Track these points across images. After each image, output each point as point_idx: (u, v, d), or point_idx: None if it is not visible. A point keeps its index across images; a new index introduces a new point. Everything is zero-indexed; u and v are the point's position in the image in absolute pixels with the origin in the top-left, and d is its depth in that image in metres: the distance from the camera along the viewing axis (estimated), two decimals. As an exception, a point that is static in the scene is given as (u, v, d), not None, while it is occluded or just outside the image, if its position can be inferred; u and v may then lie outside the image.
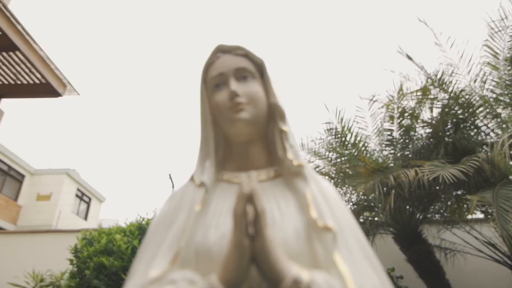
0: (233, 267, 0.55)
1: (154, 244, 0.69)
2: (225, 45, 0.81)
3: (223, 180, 0.79)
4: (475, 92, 4.14)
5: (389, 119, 4.55)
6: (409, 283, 4.42)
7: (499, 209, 3.37)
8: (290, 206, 0.70)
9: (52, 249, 6.45)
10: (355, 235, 0.68)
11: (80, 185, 16.05)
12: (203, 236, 0.66)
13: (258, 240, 0.55)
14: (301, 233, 0.65)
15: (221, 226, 0.66)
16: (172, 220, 0.71)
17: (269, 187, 0.75)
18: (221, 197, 0.74)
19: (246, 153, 0.79)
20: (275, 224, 0.65)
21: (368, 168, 3.95)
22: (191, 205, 0.71)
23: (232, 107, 0.74)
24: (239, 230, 0.55)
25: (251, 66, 0.79)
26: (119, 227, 5.03)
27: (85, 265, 4.53)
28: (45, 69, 4.55)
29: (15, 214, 13.09)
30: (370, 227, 4.63)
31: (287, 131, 0.77)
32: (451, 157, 4.06)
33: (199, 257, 0.64)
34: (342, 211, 0.71)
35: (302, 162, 0.74)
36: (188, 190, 0.77)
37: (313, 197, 0.69)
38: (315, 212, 0.66)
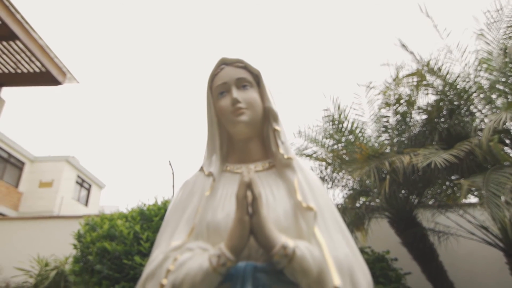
0: (237, 238, 0.76)
1: (174, 222, 0.90)
2: (227, 58, 1.00)
3: (227, 171, 1.00)
4: (470, 78, 4.31)
5: (386, 106, 4.72)
6: (403, 265, 4.67)
7: (489, 193, 3.55)
8: (281, 191, 0.90)
9: (55, 235, 6.70)
10: (332, 214, 0.88)
11: (80, 172, 16.35)
12: (212, 215, 0.87)
13: (255, 217, 0.76)
14: (289, 212, 0.85)
15: (226, 207, 0.87)
16: (187, 203, 0.92)
17: (264, 176, 0.95)
18: (226, 184, 0.95)
19: (245, 148, 1.00)
20: (268, 206, 0.85)
21: (364, 154, 4.14)
22: (202, 191, 0.92)
23: (234, 111, 0.95)
24: (241, 210, 0.76)
25: (249, 76, 0.99)
26: (121, 213, 5.23)
27: (88, 250, 4.75)
28: (44, 58, 4.68)
29: (16, 200, 13.42)
30: (366, 212, 4.86)
31: (279, 130, 0.98)
32: (445, 143, 4.25)
33: (209, 231, 0.85)
34: (322, 195, 0.92)
35: (291, 156, 0.95)
36: (198, 179, 0.98)
37: (299, 184, 0.89)
38: (300, 196, 0.86)
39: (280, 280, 0.77)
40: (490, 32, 4.15)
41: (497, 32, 4.11)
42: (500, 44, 4.11)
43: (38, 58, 4.63)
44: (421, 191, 4.82)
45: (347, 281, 0.75)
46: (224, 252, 0.75)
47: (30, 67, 4.86)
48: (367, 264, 3.13)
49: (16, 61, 4.76)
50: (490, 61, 4.17)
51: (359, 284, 0.77)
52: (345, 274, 0.75)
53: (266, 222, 0.76)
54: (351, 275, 0.77)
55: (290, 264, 0.74)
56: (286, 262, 0.74)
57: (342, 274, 0.74)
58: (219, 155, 1.00)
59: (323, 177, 5.04)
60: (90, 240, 4.74)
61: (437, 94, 4.46)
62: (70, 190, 15.20)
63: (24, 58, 4.67)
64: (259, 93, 1.00)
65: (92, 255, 4.63)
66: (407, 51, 4.39)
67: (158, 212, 4.92)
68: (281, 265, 0.75)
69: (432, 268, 4.70)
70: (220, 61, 1.01)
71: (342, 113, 4.99)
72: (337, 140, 5.05)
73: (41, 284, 5.37)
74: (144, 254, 4.45)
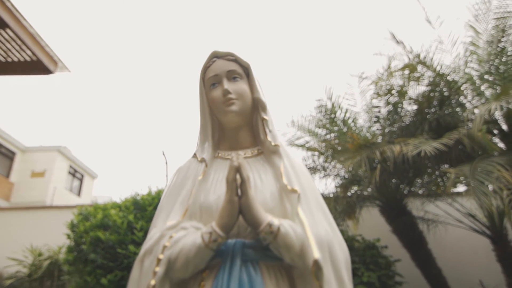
0: (227, 217, 0.84)
1: (169, 204, 0.98)
2: (219, 52, 1.08)
3: (219, 157, 1.08)
4: (460, 69, 4.41)
5: (378, 96, 4.82)
6: (393, 253, 4.82)
7: (476, 182, 3.67)
8: (268, 176, 0.99)
9: (48, 225, 6.75)
10: (314, 196, 0.98)
11: (72, 162, 16.34)
12: (205, 197, 0.95)
13: (243, 198, 0.85)
14: (275, 195, 0.94)
15: (217, 190, 0.96)
16: (181, 187, 1.01)
17: (253, 162, 1.04)
18: (217, 170, 1.03)
19: (236, 136, 1.09)
20: (256, 188, 0.94)
21: (356, 144, 4.25)
22: (195, 176, 1.01)
23: (225, 102, 1.03)
24: (231, 191, 0.84)
25: (239, 69, 1.07)
26: (114, 202, 5.29)
27: (82, 239, 4.82)
28: (35, 47, 4.67)
29: (8, 191, 13.42)
30: (357, 200, 4.99)
31: (267, 119, 1.06)
32: (435, 133, 4.36)
33: (202, 212, 0.93)
34: (306, 178, 1.01)
35: (278, 143, 1.03)
36: (192, 165, 1.06)
37: (285, 168, 0.98)
38: (286, 179, 0.95)
39: (266, 255, 0.87)
40: (479, 24, 4.24)
41: (486, 24, 4.21)
42: (489, 35, 4.21)
43: (29, 47, 4.62)
44: (411, 180, 4.95)
45: (326, 255, 0.84)
46: (216, 230, 0.83)
47: (21, 55, 4.85)
48: (358, 251, 3.28)
49: (7, 50, 4.74)
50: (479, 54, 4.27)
51: (337, 258, 0.87)
52: (325, 249, 0.85)
53: (253, 203, 0.85)
54: (330, 250, 0.86)
55: (275, 240, 0.83)
56: (272, 239, 0.83)
57: (322, 249, 0.83)
58: (211, 143, 1.09)
59: (315, 166, 5.15)
60: (83, 229, 4.79)
61: (428, 85, 4.56)
62: (63, 180, 15.22)
63: (15, 46, 4.65)
64: (249, 84, 1.08)
65: (85, 244, 4.69)
66: (399, 43, 4.46)
67: (152, 202, 4.99)
68: (267, 241, 0.84)
69: (421, 255, 4.87)
70: (212, 54, 1.09)
71: (334, 103, 5.08)
72: (329, 130, 5.15)
73: (35, 274, 5.45)
74: (138, 243, 4.53)
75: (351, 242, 4.75)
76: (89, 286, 4.48)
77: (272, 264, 0.87)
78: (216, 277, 0.84)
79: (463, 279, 5.01)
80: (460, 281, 4.97)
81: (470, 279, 4.97)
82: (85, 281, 4.52)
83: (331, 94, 5.14)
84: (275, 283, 0.84)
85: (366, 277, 4.26)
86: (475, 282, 4.90)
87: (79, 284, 4.63)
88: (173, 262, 0.83)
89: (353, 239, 4.82)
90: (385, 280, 4.40)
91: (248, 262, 0.85)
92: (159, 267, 0.82)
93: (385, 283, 4.39)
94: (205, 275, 0.86)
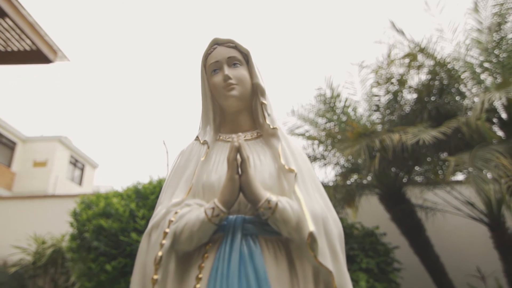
0: (228, 193, 0.91)
1: (174, 183, 1.05)
2: (219, 39, 1.13)
3: (220, 140, 1.15)
4: (460, 58, 4.44)
5: (378, 85, 4.86)
6: (392, 240, 4.92)
7: (475, 170, 3.73)
8: (267, 157, 1.06)
9: (51, 214, 6.86)
10: (310, 176, 1.04)
11: (73, 152, 16.50)
12: (207, 177, 1.02)
13: (243, 176, 0.92)
14: (273, 174, 1.01)
15: (219, 170, 1.03)
16: (185, 167, 1.08)
17: (253, 144, 1.10)
18: (218, 151, 1.10)
19: (236, 120, 1.16)
20: (256, 168, 1.01)
21: (355, 133, 4.31)
22: (198, 157, 1.08)
23: (225, 87, 1.09)
24: (232, 170, 0.91)
25: (239, 55, 1.13)
26: (116, 191, 5.38)
27: (84, 227, 4.92)
28: (35, 36, 4.70)
29: (10, 180, 13.58)
30: (357, 189, 5.07)
31: (266, 103, 1.12)
32: (434, 121, 4.42)
33: (205, 190, 1.00)
34: (303, 159, 1.08)
35: (276, 126, 1.09)
36: (195, 147, 1.13)
37: (283, 150, 1.04)
38: (283, 160, 1.01)
39: (265, 229, 0.94)
40: (479, 11, 4.26)
41: (486, 11, 4.23)
42: (489, 23, 4.24)
43: (29, 36, 4.65)
44: (410, 168, 5.02)
45: (320, 228, 0.91)
46: (218, 205, 0.91)
47: (21, 45, 4.88)
48: (357, 239, 3.39)
49: (6, 39, 4.78)
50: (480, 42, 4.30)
51: (331, 231, 0.94)
52: (319, 223, 0.92)
53: (253, 180, 0.92)
54: (324, 224, 0.93)
55: (273, 215, 0.90)
56: (270, 214, 0.90)
57: (317, 223, 0.90)
58: (213, 126, 1.15)
59: (315, 155, 5.22)
60: (86, 218, 4.89)
61: (428, 73, 4.60)
62: (64, 170, 15.38)
63: (14, 36, 4.69)
64: (248, 70, 1.14)
65: (88, 232, 4.79)
66: (399, 32, 4.49)
67: (153, 190, 5.08)
68: (266, 216, 0.91)
69: (419, 243, 4.96)
70: (213, 41, 1.14)
71: (334, 91, 5.12)
72: (329, 118, 5.20)
73: (39, 261, 5.57)
74: (140, 231, 4.62)
75: (350, 229, 4.84)
76: (93, 273, 4.59)
77: (271, 238, 0.94)
78: (218, 250, 0.92)
79: (461, 266, 5.12)
80: (458, 268, 5.08)
81: (468, 266, 5.08)
82: (89, 268, 4.62)
83: (331, 83, 5.19)
84: (273, 255, 0.92)
85: (364, 264, 4.36)
86: (473, 269, 5.01)
87: (83, 271, 4.75)
88: (178, 235, 0.91)
89: (352, 227, 4.92)
90: (383, 266, 4.51)
91: (248, 236, 0.93)
92: (166, 240, 0.90)
93: (384, 269, 4.49)
94: (208, 248, 0.93)
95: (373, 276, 4.31)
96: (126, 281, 4.40)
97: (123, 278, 4.45)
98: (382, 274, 4.43)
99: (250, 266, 0.88)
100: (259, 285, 0.85)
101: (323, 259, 0.88)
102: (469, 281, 4.92)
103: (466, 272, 4.98)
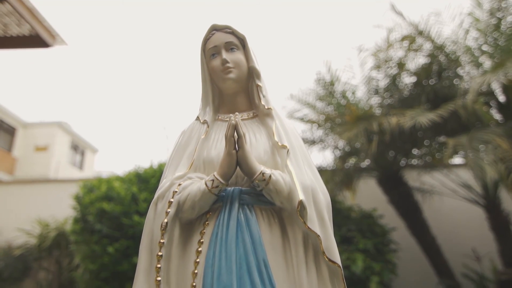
0: (226, 167, 1.03)
1: (177, 159, 1.17)
2: (217, 25, 1.23)
3: (219, 120, 1.26)
4: (458, 41, 4.50)
5: (376, 68, 4.92)
6: (389, 222, 5.07)
7: (473, 151, 3.81)
8: (262, 135, 1.17)
9: (53, 198, 7.03)
10: (302, 152, 1.16)
11: (73, 137, 16.67)
12: (207, 153, 1.13)
13: (240, 151, 1.03)
14: (268, 150, 1.12)
15: (218, 147, 1.14)
16: (187, 145, 1.19)
17: (249, 123, 1.21)
18: (217, 130, 1.21)
19: (233, 101, 1.26)
20: (251, 145, 1.12)
21: (353, 116, 4.40)
22: (199, 135, 1.19)
23: (223, 70, 1.19)
24: (229, 145, 1.02)
25: (236, 40, 1.22)
26: (118, 176, 5.51)
27: (87, 210, 5.06)
28: (34, 20, 4.75)
29: (11, 166, 13.78)
30: (355, 172, 5.19)
31: (261, 85, 1.22)
32: (432, 104, 4.50)
33: (205, 165, 1.12)
34: (295, 137, 1.18)
35: (271, 107, 1.20)
36: (195, 127, 1.24)
37: (276, 128, 1.15)
38: (277, 137, 1.12)
39: (260, 200, 1.06)
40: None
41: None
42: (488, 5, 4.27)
43: (28, 21, 4.70)
44: (408, 151, 5.13)
45: (310, 198, 1.03)
46: (217, 177, 1.02)
47: (19, 30, 4.94)
48: (355, 220, 3.54)
49: (5, 24, 4.83)
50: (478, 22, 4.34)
51: (319, 201, 1.05)
52: (309, 193, 1.03)
53: (249, 155, 1.03)
54: (313, 195, 1.05)
55: (267, 186, 1.01)
56: (264, 185, 1.01)
57: (306, 193, 1.02)
58: (212, 107, 1.26)
59: (314, 139, 5.33)
60: (88, 201, 5.03)
61: (427, 56, 4.66)
62: (65, 155, 15.58)
63: (13, 20, 4.74)
64: (245, 54, 1.24)
65: (91, 215, 4.93)
66: (398, 14, 4.53)
67: (154, 174, 5.20)
68: (260, 187, 1.02)
69: (416, 224, 5.12)
70: (211, 27, 1.24)
71: (333, 75, 5.19)
72: (328, 102, 5.29)
73: (43, 244, 5.75)
74: (142, 214, 4.76)
75: (348, 212, 4.99)
76: (96, 254, 4.76)
77: (265, 208, 1.06)
78: (218, 217, 1.03)
79: (456, 247, 5.29)
80: (453, 249, 5.25)
81: (463, 247, 5.24)
82: (92, 250, 4.78)
83: (329, 66, 5.25)
84: (267, 222, 1.03)
85: (362, 244, 4.51)
86: (468, 250, 5.16)
87: (87, 253, 4.91)
88: (182, 204, 1.02)
89: (350, 209, 5.06)
90: (380, 247, 4.66)
91: (244, 205, 1.04)
92: (171, 208, 1.02)
93: (381, 250, 4.65)
94: (209, 216, 1.05)
95: (370, 256, 4.46)
96: (129, 262, 4.56)
97: (125, 259, 4.61)
98: (379, 254, 4.59)
99: (247, 232, 0.99)
100: (255, 248, 0.97)
101: (312, 224, 0.99)
102: (464, 261, 5.09)
103: (461, 253, 5.14)
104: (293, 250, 1.00)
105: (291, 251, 1.01)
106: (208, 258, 0.98)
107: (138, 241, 4.26)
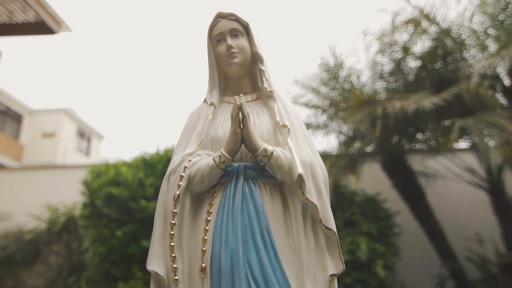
0: (232, 144, 1.14)
1: (186, 138, 1.29)
2: (223, 13, 1.33)
3: (224, 102, 1.37)
4: (464, 24, 4.52)
5: (381, 52, 4.97)
6: (393, 206, 5.18)
7: (480, 134, 3.87)
8: (265, 115, 1.28)
9: (62, 183, 7.23)
10: (302, 131, 1.27)
11: (79, 124, 16.96)
12: (215, 132, 1.25)
13: (245, 130, 1.14)
14: (270, 129, 1.23)
15: (224, 126, 1.26)
16: (195, 125, 1.31)
17: (253, 105, 1.32)
18: (223, 111, 1.33)
19: (238, 84, 1.37)
20: (255, 125, 1.23)
21: (357, 101, 4.47)
22: (206, 116, 1.31)
23: (228, 55, 1.30)
24: (235, 124, 1.14)
25: (240, 27, 1.32)
26: (125, 161, 5.66)
27: (95, 195, 5.22)
28: (39, 7, 4.84)
29: (18, 152, 14.11)
30: (359, 156, 5.29)
31: (264, 70, 1.33)
32: (437, 88, 4.55)
33: (212, 143, 1.24)
34: (295, 117, 1.30)
35: (273, 89, 1.30)
36: (203, 108, 1.36)
37: (278, 109, 1.26)
38: (278, 117, 1.24)
39: (263, 174, 1.18)
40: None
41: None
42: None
43: (33, 7, 4.79)
44: (412, 136, 5.21)
45: (308, 172, 1.14)
46: (224, 153, 1.14)
47: (25, 17, 5.04)
48: (359, 204, 3.69)
49: (10, 11, 4.93)
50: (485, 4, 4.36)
51: (317, 175, 1.17)
52: (307, 168, 1.15)
53: (252, 133, 1.15)
54: (312, 169, 1.16)
55: (269, 162, 1.13)
56: (267, 160, 1.13)
57: (305, 168, 1.13)
58: (218, 90, 1.37)
59: (318, 124, 5.42)
60: (97, 186, 5.19)
61: (433, 39, 4.69)
62: (71, 142, 15.92)
63: (19, 7, 4.83)
64: (248, 40, 1.34)
65: (100, 200, 5.10)
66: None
67: (160, 160, 5.34)
68: (263, 163, 1.14)
69: (420, 208, 5.23)
70: (217, 15, 1.34)
71: (338, 60, 5.24)
72: (332, 87, 5.35)
73: (53, 228, 5.96)
74: (149, 199, 4.92)
75: (352, 196, 5.11)
76: (105, 238, 4.93)
77: (268, 181, 1.18)
78: (225, 190, 1.16)
79: (460, 231, 5.40)
80: (457, 233, 5.37)
81: (466, 231, 5.36)
82: (101, 234, 4.96)
83: (334, 51, 5.30)
84: (270, 194, 1.16)
85: (365, 228, 4.65)
86: (471, 233, 5.28)
87: (96, 236, 5.10)
88: (192, 178, 1.15)
89: (355, 194, 5.18)
90: (384, 230, 4.80)
91: (249, 179, 1.17)
92: (182, 181, 1.14)
93: (384, 233, 4.79)
94: (217, 189, 1.18)
95: (373, 239, 4.60)
96: (137, 245, 4.73)
97: (133, 242, 4.78)
98: (382, 237, 4.72)
99: (251, 203, 1.12)
100: (258, 217, 1.10)
101: (310, 195, 1.11)
102: (467, 245, 5.21)
103: (464, 236, 5.26)
104: (293, 218, 1.13)
105: (291, 220, 1.13)
106: (216, 226, 1.10)
107: (145, 225, 4.47)
